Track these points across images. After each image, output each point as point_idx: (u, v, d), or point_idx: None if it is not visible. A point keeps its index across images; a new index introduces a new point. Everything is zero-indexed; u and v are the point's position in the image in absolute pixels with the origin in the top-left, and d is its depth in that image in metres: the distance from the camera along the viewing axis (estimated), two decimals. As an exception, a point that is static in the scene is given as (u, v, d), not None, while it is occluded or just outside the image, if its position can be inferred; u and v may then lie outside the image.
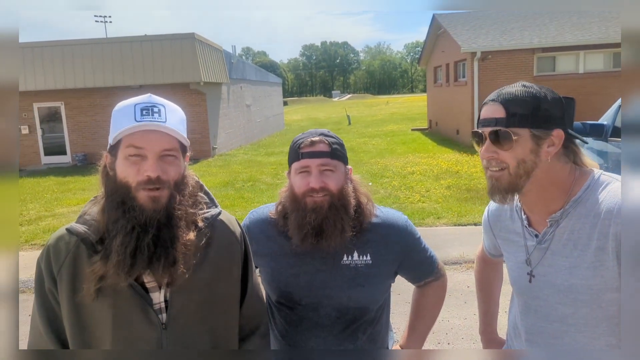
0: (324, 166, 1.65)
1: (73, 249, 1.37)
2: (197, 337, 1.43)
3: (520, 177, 1.35)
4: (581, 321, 1.37)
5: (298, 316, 1.74)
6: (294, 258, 1.74)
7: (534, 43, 16.14)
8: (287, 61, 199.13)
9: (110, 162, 1.36)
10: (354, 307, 1.73)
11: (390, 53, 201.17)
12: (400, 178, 11.80)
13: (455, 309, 4.71)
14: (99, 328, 1.35)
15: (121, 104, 1.38)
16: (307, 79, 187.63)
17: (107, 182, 1.37)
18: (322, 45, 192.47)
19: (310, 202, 1.65)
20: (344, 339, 1.74)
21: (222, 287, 1.49)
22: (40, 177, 14.92)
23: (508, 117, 1.34)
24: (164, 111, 1.35)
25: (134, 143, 1.30)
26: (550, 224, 1.41)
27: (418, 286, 1.94)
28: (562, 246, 1.38)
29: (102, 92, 17.76)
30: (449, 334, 4.28)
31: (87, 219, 1.38)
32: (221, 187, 11.86)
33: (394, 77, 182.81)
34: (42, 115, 18.49)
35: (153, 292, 1.38)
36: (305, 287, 1.72)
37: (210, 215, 1.48)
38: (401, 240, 1.78)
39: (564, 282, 1.37)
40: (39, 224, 8.98)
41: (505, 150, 1.35)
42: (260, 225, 1.83)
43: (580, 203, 1.36)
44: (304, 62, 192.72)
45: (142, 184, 1.30)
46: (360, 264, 1.72)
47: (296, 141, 1.72)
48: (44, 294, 1.40)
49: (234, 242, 1.55)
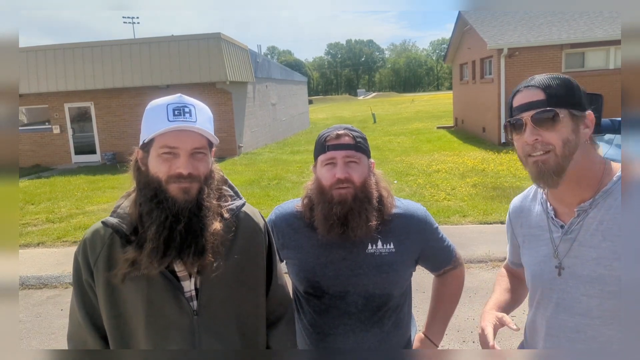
0: (348, 158, 1.72)
1: (108, 241, 1.45)
2: (227, 323, 1.50)
3: (566, 157, 1.36)
4: (607, 313, 1.36)
5: (326, 305, 1.81)
6: (320, 249, 1.80)
7: (562, 39, 15.82)
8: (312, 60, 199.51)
9: (142, 157, 1.44)
10: (379, 293, 1.79)
11: (416, 50, 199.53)
12: (425, 176, 11.73)
13: (480, 307, 4.67)
14: (134, 316, 1.43)
15: (153, 103, 1.44)
16: (332, 78, 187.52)
17: (139, 176, 1.45)
18: (347, 44, 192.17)
19: (336, 194, 1.71)
20: (371, 325, 1.80)
21: (248, 275, 1.55)
22: (71, 176, 15.29)
23: (548, 98, 1.36)
24: (194, 111, 1.42)
25: (167, 143, 1.38)
26: (578, 214, 1.41)
27: (437, 275, 2.02)
28: (590, 236, 1.38)
29: (130, 92, 18.11)
30: (474, 332, 4.26)
31: (120, 213, 1.46)
32: (247, 185, 11.98)
33: (420, 74, 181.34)
34: (73, 115, 18.94)
35: (184, 281, 1.45)
36: (333, 276, 1.78)
37: (235, 207, 1.55)
38: (421, 229, 1.86)
39: (591, 272, 1.36)
40: (70, 221, 9.22)
41: (550, 132, 1.36)
42: (286, 218, 1.90)
43: (610, 194, 1.37)
44: (329, 61, 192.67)
45: (174, 177, 1.38)
46: (385, 252, 1.79)
47: (322, 135, 1.79)
48: (82, 286, 1.47)
49: (259, 232, 1.62)
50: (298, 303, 1.92)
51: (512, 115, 1.44)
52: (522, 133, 1.40)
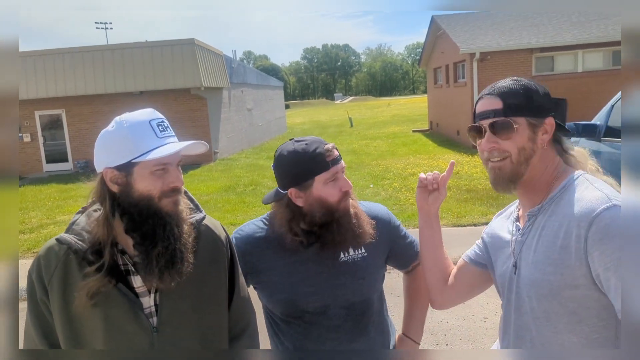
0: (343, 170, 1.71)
1: (63, 258, 1.41)
2: (188, 340, 1.47)
3: (521, 164, 1.41)
4: (543, 315, 1.40)
5: (308, 323, 1.74)
6: (294, 266, 1.74)
7: (532, 43, 16.15)
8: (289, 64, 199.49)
9: (116, 176, 1.37)
10: (359, 301, 1.76)
11: (391, 55, 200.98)
12: (401, 180, 11.82)
13: (453, 310, 4.71)
14: (92, 335, 1.39)
15: (130, 121, 1.38)
16: (309, 82, 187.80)
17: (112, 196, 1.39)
18: (324, 48, 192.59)
19: (343, 207, 1.69)
20: (357, 335, 1.76)
21: (210, 289, 1.53)
22: (42, 185, 14.98)
23: (505, 107, 1.41)
24: (168, 123, 1.45)
25: (162, 160, 1.36)
26: (529, 218, 1.46)
27: (406, 272, 2.02)
28: (534, 241, 1.43)
29: (103, 99, 17.84)
30: (447, 334, 4.30)
31: (76, 229, 1.42)
32: (223, 191, 11.90)
33: (396, 78, 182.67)
34: (44, 123, 18.59)
35: (143, 297, 1.42)
36: (311, 292, 1.72)
37: (196, 220, 1.53)
38: (387, 229, 1.85)
39: (530, 275, 1.42)
40: (41, 231, 9.02)
41: (506, 140, 1.41)
42: (250, 241, 1.80)
43: (555, 200, 1.41)
44: (305, 65, 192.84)
45: (168, 192, 1.38)
46: (358, 258, 1.77)
47: (313, 151, 1.65)
48: (37, 304, 1.43)
49: (220, 245, 1.60)
50: (276, 328, 1.82)
51: (474, 121, 1.49)
52: (482, 139, 1.46)
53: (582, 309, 1.34)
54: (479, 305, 4.68)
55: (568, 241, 1.32)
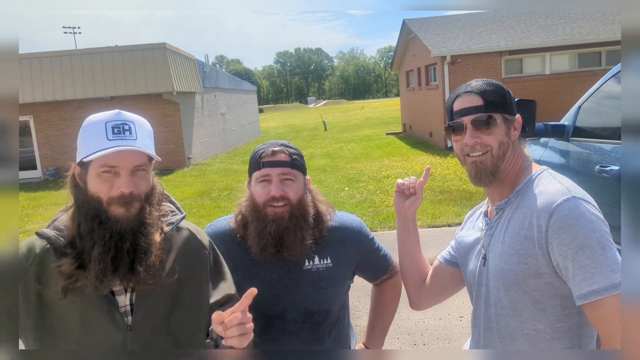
0: (284, 175, 1.69)
1: (41, 252, 1.41)
2: (161, 341, 1.47)
3: (500, 158, 1.49)
4: (509, 305, 1.46)
5: (265, 326, 1.75)
6: (255, 268, 1.75)
7: (501, 46, 16.48)
8: (262, 68, 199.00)
9: (80, 173, 1.41)
10: (318, 310, 1.77)
11: (364, 58, 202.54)
12: (375, 182, 11.89)
13: (430, 310, 4.76)
14: (66, 329, 1.39)
15: (90, 120, 1.40)
16: (282, 86, 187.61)
17: (77, 193, 1.42)
18: (296, 52, 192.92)
19: (270, 212, 1.68)
20: (312, 343, 1.77)
21: (188, 293, 1.53)
22: (11, 193, 14.59)
23: (486, 104, 1.48)
24: (134, 128, 1.40)
25: (107, 162, 1.35)
26: (497, 212, 1.53)
27: (375, 285, 2.02)
28: (501, 233, 1.49)
29: (72, 105, 17.47)
30: (424, 334, 4.34)
31: (57, 225, 1.43)
32: (197, 197, 11.79)
33: (368, 82, 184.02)
34: (11, 130, 18.11)
35: (119, 296, 1.43)
36: (270, 295, 1.73)
37: (175, 220, 1.53)
38: (357, 241, 1.85)
39: (496, 266, 1.47)
40: (10, 240, 8.79)
41: (487, 135, 1.49)
42: (219, 237, 1.82)
43: (520, 194, 1.48)
44: (278, 69, 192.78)
45: (115, 199, 1.36)
46: (322, 268, 1.77)
47: (257, 151, 1.75)
48: None
49: (201, 250, 1.60)
50: None
51: (452, 118, 1.54)
52: (462, 135, 1.51)
53: (546, 298, 1.40)
54: (455, 304, 4.74)
55: (531, 232, 1.38)
